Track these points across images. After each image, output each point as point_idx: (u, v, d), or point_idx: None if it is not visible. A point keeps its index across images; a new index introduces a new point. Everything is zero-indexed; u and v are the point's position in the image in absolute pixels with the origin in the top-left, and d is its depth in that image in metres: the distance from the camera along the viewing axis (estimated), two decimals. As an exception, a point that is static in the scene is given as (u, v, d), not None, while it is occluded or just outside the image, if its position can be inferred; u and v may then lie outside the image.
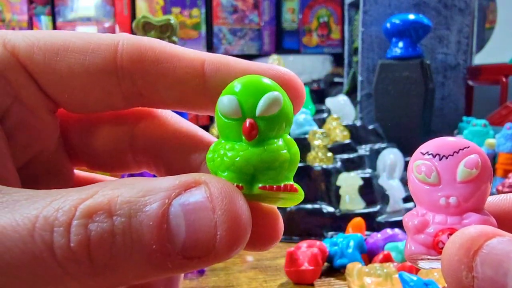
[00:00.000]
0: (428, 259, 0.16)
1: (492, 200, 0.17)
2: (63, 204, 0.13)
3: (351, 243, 0.51)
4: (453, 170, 0.16)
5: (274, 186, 0.15)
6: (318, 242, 0.52)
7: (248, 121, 0.15)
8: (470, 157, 0.16)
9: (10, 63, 0.16)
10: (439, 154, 0.17)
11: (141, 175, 0.20)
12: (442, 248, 0.15)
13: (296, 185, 0.15)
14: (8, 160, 0.16)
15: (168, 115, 0.19)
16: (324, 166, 0.66)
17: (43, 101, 0.17)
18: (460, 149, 0.16)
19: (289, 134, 0.16)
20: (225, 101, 0.15)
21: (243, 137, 0.15)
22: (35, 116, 0.17)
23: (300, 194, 0.16)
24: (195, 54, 0.17)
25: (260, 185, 0.15)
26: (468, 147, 0.16)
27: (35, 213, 0.12)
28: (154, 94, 0.17)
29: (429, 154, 0.17)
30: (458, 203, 0.16)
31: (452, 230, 0.15)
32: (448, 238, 0.15)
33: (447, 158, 0.16)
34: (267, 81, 0.16)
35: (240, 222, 0.13)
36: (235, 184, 0.15)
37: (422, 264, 0.17)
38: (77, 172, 0.21)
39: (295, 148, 0.16)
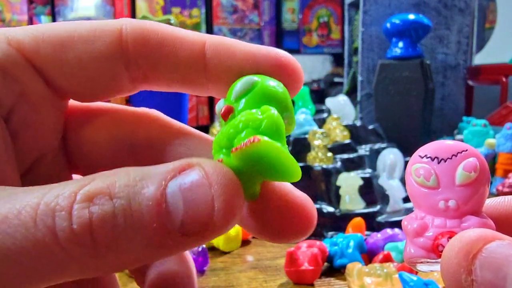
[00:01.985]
0: (428, 262, 0.16)
1: (490, 203, 0.17)
2: (63, 191, 0.13)
3: (351, 243, 0.51)
4: (451, 173, 0.16)
5: (241, 144, 0.14)
6: (318, 242, 0.52)
7: (224, 107, 0.16)
8: (469, 160, 0.16)
9: (15, 60, 0.16)
10: (437, 157, 0.17)
11: None
12: (441, 251, 0.15)
13: (261, 137, 0.14)
14: (10, 164, 0.16)
15: (167, 118, 0.20)
16: (324, 166, 0.66)
17: (49, 97, 0.17)
18: (459, 152, 0.16)
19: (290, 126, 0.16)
20: (219, 104, 0.16)
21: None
22: (41, 113, 0.17)
23: (276, 149, 0.14)
24: (197, 36, 0.17)
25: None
26: (466, 150, 0.17)
27: (36, 201, 0.13)
28: (158, 75, 0.17)
29: (428, 157, 0.17)
30: (457, 206, 0.16)
31: (451, 234, 0.16)
32: (448, 241, 0.15)
33: (445, 161, 0.17)
34: (253, 76, 0.16)
35: (235, 194, 0.14)
36: (217, 160, 0.15)
37: (421, 267, 0.17)
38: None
39: (270, 112, 0.15)
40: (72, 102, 0.19)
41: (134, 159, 0.19)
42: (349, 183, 0.64)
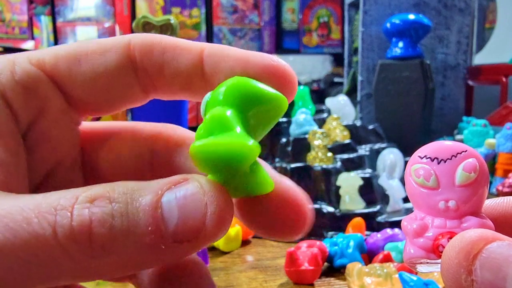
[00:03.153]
0: (428, 262, 0.16)
1: (489, 204, 0.18)
2: (65, 194, 0.14)
3: (351, 243, 0.51)
4: (451, 174, 0.16)
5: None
6: (318, 242, 0.52)
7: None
8: (468, 161, 0.16)
9: (37, 77, 0.17)
10: (437, 158, 0.17)
11: None
12: (442, 251, 0.15)
13: (192, 145, 0.15)
14: (20, 179, 0.17)
15: (183, 133, 0.21)
16: (324, 166, 0.66)
17: (68, 113, 0.18)
18: (458, 153, 0.17)
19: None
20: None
21: None
22: (58, 129, 0.18)
23: (228, 143, 0.14)
24: (196, 44, 0.18)
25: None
26: (466, 151, 0.17)
27: (39, 201, 0.14)
28: (163, 83, 0.18)
29: (427, 158, 0.17)
30: (457, 206, 0.16)
31: (451, 234, 0.16)
32: (448, 241, 0.15)
33: (445, 161, 0.17)
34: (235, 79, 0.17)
35: (225, 204, 0.15)
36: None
37: (420, 268, 0.17)
38: None
39: (210, 115, 0.15)
40: (90, 124, 0.20)
41: (153, 175, 0.20)
42: (349, 183, 0.64)
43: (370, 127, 0.84)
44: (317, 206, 0.64)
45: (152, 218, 0.14)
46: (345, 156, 0.71)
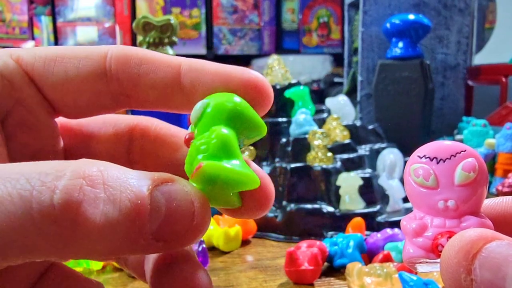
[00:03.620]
0: (427, 262, 0.16)
1: (488, 203, 0.18)
2: (49, 169, 0.13)
3: (351, 243, 0.51)
4: (451, 173, 0.16)
5: (192, 173, 0.16)
6: (318, 242, 0.52)
7: (187, 134, 0.17)
8: (467, 160, 0.16)
9: (14, 70, 0.18)
10: (436, 158, 0.17)
11: None
12: (441, 251, 0.15)
13: (208, 161, 0.15)
14: (1, 159, 0.17)
15: (161, 125, 0.21)
16: (324, 166, 0.66)
17: (43, 103, 0.19)
18: (457, 153, 0.17)
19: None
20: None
21: None
22: (35, 117, 0.19)
23: (222, 169, 0.15)
24: (174, 58, 0.19)
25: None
26: (465, 150, 0.17)
27: (16, 177, 0.13)
28: (137, 94, 0.19)
29: (427, 158, 0.17)
30: (457, 206, 0.16)
31: (451, 233, 0.16)
32: (447, 241, 0.15)
33: (444, 161, 0.17)
34: (221, 94, 0.17)
35: (207, 214, 0.15)
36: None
37: (420, 267, 0.17)
38: None
39: (217, 132, 0.16)
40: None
41: (129, 161, 0.21)
42: (349, 183, 0.64)
43: (370, 127, 0.84)
44: (317, 206, 0.64)
45: (139, 212, 0.14)
46: (345, 156, 0.71)
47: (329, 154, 0.68)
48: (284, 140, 0.72)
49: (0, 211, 0.12)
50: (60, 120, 0.20)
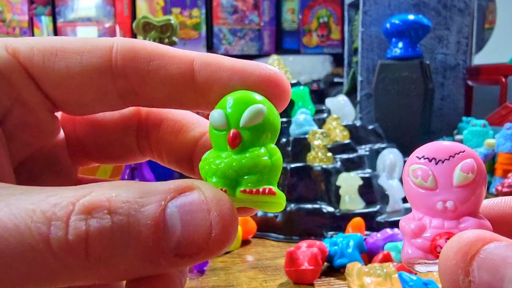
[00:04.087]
0: (425, 263, 0.16)
1: (487, 204, 0.18)
2: (60, 200, 0.13)
3: (351, 243, 0.51)
4: (449, 174, 0.16)
5: (253, 190, 0.16)
6: (318, 242, 0.52)
7: (232, 132, 0.16)
8: (466, 161, 0.16)
9: (12, 65, 0.16)
10: (435, 158, 0.17)
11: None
12: (439, 252, 0.15)
13: (275, 189, 0.16)
14: (4, 160, 0.16)
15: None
16: (324, 166, 0.66)
17: (43, 101, 0.18)
18: (456, 153, 0.17)
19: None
20: (215, 114, 0.17)
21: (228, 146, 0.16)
22: (36, 115, 0.18)
23: (280, 198, 0.16)
24: (186, 53, 0.17)
25: (241, 189, 0.16)
26: (464, 151, 0.17)
27: (32, 207, 0.13)
28: (146, 91, 0.18)
29: (425, 158, 0.17)
30: (455, 207, 0.16)
31: (449, 235, 0.16)
32: (446, 242, 0.15)
33: (443, 162, 0.17)
34: (255, 95, 0.17)
35: (232, 223, 0.15)
36: (220, 188, 0.16)
37: (419, 268, 0.17)
38: (79, 175, 0.22)
39: (278, 156, 0.17)
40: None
41: (139, 142, 0.21)
42: (349, 183, 0.64)
43: (370, 127, 0.84)
44: (317, 206, 0.64)
45: (154, 233, 0.13)
46: (345, 156, 0.71)
47: (329, 154, 0.68)
48: (284, 140, 0.72)
49: (23, 245, 0.12)
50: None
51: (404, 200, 0.67)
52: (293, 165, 0.67)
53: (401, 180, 0.66)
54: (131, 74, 0.17)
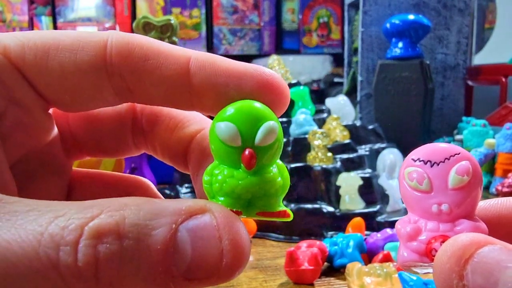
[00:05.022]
0: (421, 266, 0.17)
1: (483, 205, 0.17)
2: (68, 223, 0.13)
3: (351, 243, 0.51)
4: (444, 177, 0.16)
5: (271, 212, 0.16)
6: (318, 242, 0.52)
7: (248, 151, 0.15)
8: (461, 163, 0.16)
9: (2, 65, 0.16)
10: (430, 161, 0.17)
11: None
12: (434, 255, 0.15)
13: (289, 211, 0.17)
14: (2, 164, 0.16)
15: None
16: (324, 166, 0.66)
17: (37, 100, 0.17)
18: (451, 156, 0.17)
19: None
20: (224, 127, 0.16)
21: (242, 165, 0.16)
22: (30, 115, 0.17)
23: (290, 216, 0.17)
24: (182, 51, 0.17)
25: (257, 211, 0.16)
26: (459, 153, 0.17)
27: (40, 230, 0.13)
28: (142, 90, 0.17)
29: (420, 161, 0.17)
30: (450, 210, 0.16)
31: (444, 238, 0.16)
32: (441, 245, 0.15)
33: (438, 164, 0.17)
34: (262, 108, 0.16)
35: (243, 250, 0.14)
36: (234, 210, 0.16)
37: (415, 270, 0.17)
38: (74, 169, 0.22)
39: (286, 174, 0.17)
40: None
41: (134, 135, 0.21)
42: (349, 183, 0.64)
43: (370, 127, 0.84)
44: (317, 206, 0.64)
45: (164, 258, 0.13)
46: (345, 156, 0.71)
47: (329, 154, 0.68)
48: (284, 140, 0.72)
49: (31, 269, 0.12)
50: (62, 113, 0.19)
51: (404, 200, 0.67)
52: (293, 165, 0.67)
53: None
54: (126, 73, 0.17)
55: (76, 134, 0.20)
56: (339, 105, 0.86)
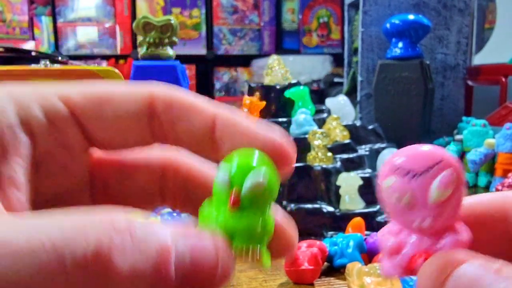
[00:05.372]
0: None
1: (469, 204, 0.17)
2: (77, 218, 0.14)
3: (351, 243, 0.51)
4: (426, 190, 0.16)
5: (245, 252, 0.17)
6: (318, 242, 0.52)
7: (232, 195, 0.17)
8: (443, 175, 0.15)
9: (64, 114, 0.18)
10: (410, 172, 0.16)
11: None
12: (417, 271, 0.15)
13: (266, 261, 0.17)
14: (24, 191, 0.17)
15: (195, 162, 0.22)
16: (324, 166, 0.66)
17: (83, 142, 0.19)
18: (435, 164, 0.16)
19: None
20: (220, 172, 0.17)
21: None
22: (72, 156, 0.19)
23: (265, 263, 0.17)
24: (209, 108, 0.19)
25: (235, 245, 0.17)
26: (441, 160, 0.16)
27: (51, 224, 0.13)
28: (174, 136, 0.19)
29: (400, 170, 0.16)
30: (433, 224, 0.16)
31: (427, 254, 0.16)
32: (423, 262, 0.15)
33: (419, 175, 0.16)
34: (260, 159, 0.17)
35: (230, 272, 0.16)
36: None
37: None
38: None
39: (271, 225, 0.17)
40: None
41: (162, 200, 0.22)
42: (349, 183, 0.64)
43: (370, 127, 0.84)
44: (317, 206, 0.64)
45: (165, 260, 0.14)
46: (345, 156, 0.71)
47: (329, 154, 0.68)
48: (284, 140, 0.72)
49: (32, 259, 0.12)
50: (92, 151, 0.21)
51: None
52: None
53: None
54: (164, 120, 0.19)
55: (107, 182, 0.21)
56: (339, 105, 0.86)
